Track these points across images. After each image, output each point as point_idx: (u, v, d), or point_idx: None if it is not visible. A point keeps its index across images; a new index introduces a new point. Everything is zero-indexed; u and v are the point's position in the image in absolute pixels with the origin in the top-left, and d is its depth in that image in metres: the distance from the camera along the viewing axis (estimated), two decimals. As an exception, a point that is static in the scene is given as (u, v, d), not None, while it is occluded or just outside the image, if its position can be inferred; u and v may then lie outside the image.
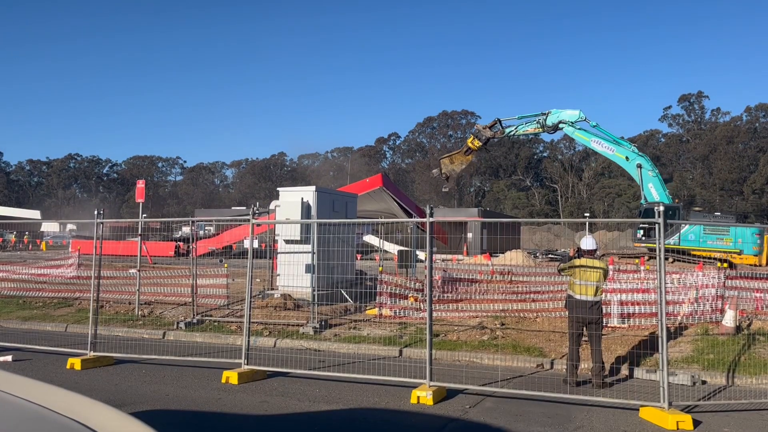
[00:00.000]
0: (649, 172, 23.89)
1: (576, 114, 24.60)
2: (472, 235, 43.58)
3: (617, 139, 25.24)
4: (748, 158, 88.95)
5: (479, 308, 12.84)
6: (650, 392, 7.89)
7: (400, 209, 32.59)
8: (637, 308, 11.69)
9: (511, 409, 7.60)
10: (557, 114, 24.92)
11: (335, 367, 9.69)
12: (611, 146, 24.73)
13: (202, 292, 14.04)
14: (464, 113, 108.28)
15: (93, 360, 9.77)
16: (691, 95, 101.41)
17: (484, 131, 26.11)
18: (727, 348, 10.00)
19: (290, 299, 13.81)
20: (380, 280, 13.00)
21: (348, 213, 16.20)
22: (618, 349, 10.29)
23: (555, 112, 25.06)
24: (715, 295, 11.64)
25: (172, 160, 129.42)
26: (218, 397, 7.90)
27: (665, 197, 23.57)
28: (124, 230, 19.48)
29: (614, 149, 24.62)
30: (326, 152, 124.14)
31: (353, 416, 7.25)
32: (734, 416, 7.44)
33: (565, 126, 24.85)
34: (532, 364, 10.10)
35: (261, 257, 15.31)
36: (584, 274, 8.72)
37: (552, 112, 25.11)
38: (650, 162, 24.62)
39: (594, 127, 24.81)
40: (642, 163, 24.01)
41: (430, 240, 8.70)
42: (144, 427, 2.30)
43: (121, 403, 7.16)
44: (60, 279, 17.15)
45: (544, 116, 25.11)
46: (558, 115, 24.89)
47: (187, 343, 11.87)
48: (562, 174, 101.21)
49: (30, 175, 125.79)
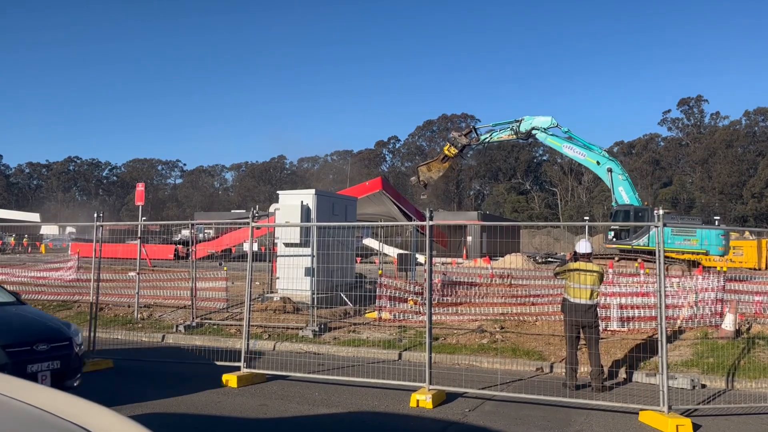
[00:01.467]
0: (619, 176, 24.63)
1: (548, 120, 25.29)
2: (472, 238, 43.55)
3: (588, 144, 26.01)
4: (747, 162, 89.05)
5: (479, 312, 12.84)
6: (650, 396, 7.88)
7: (400, 212, 32.64)
8: (636, 312, 11.69)
9: (511, 412, 7.59)
10: (530, 121, 25.62)
11: (335, 370, 9.69)
12: (583, 151, 25.46)
13: (202, 295, 14.03)
14: (464, 116, 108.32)
15: (92, 363, 9.74)
16: (690, 99, 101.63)
17: (459, 138, 26.96)
18: (726, 352, 9.99)
19: (290, 302, 13.81)
20: (380, 283, 13.00)
21: (348, 216, 16.20)
22: (617, 353, 10.28)
23: (528, 118, 25.72)
24: (715, 298, 11.64)
25: (172, 163, 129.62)
26: (217, 401, 7.89)
27: (635, 200, 24.36)
28: (124, 233, 19.47)
29: (586, 154, 25.36)
30: (326, 155, 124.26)
31: (353, 420, 7.25)
32: (734, 420, 7.44)
33: (537, 132, 25.58)
34: (531, 368, 10.09)
35: (260, 260, 15.30)
36: (579, 278, 8.75)
37: (525, 118, 25.76)
38: (620, 166, 25.44)
39: (565, 133, 25.57)
40: (612, 168, 24.76)
41: (429, 243, 8.71)
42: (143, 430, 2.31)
43: (121, 406, 7.15)
44: (59, 282, 17.14)
45: (518, 123, 25.82)
46: (531, 121, 25.59)
47: (187, 346, 11.87)
48: (561, 177, 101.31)
49: (30, 177, 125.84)
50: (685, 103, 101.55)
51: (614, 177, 24.41)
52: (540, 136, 25.58)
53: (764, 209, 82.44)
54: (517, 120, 25.92)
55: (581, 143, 25.64)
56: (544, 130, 25.32)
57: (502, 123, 26.74)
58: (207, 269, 16.19)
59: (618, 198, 24.34)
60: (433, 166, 27.94)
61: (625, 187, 24.46)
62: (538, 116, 25.55)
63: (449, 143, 27.41)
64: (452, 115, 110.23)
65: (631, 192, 24.37)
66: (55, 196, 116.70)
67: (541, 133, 25.39)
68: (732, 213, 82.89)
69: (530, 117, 25.64)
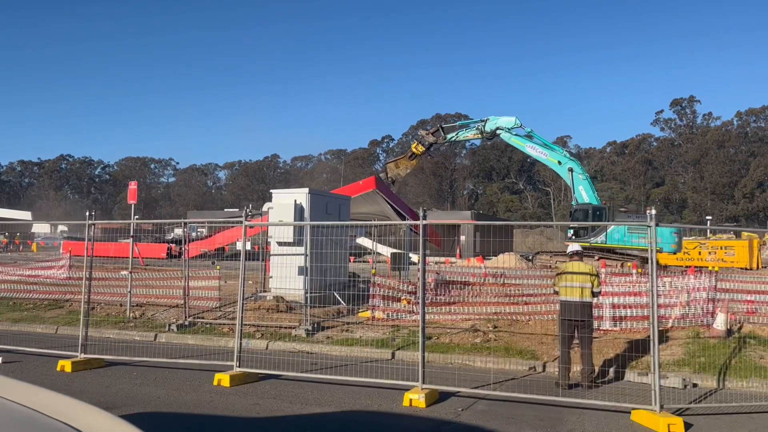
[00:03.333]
0: (579, 176, 25.38)
1: (512, 121, 26.27)
2: (465, 237, 43.62)
3: (550, 144, 27.02)
4: (739, 162, 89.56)
5: (472, 311, 12.85)
6: (642, 395, 7.91)
7: (394, 212, 32.62)
8: (628, 311, 11.73)
9: (504, 411, 7.60)
10: (495, 121, 26.59)
11: (328, 369, 9.67)
12: (545, 151, 26.32)
13: (194, 294, 13.97)
14: (457, 116, 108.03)
15: (83, 362, 9.71)
16: (683, 100, 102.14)
17: (426, 137, 28.13)
18: (717, 351, 10.04)
19: (283, 301, 13.77)
20: (373, 282, 12.98)
21: (341, 215, 16.18)
22: (610, 352, 10.31)
23: (493, 119, 26.70)
24: (706, 298, 11.69)
25: (165, 162, 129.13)
26: (210, 400, 7.86)
27: (594, 198, 25.21)
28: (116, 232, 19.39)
29: (548, 154, 26.19)
30: (320, 154, 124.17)
31: (345, 419, 7.24)
32: (725, 419, 7.48)
33: (502, 132, 26.53)
34: (524, 367, 10.11)
35: (253, 259, 15.27)
36: (569, 277, 8.88)
37: (490, 118, 26.79)
38: (580, 166, 26.20)
39: (528, 133, 26.50)
40: (573, 167, 25.52)
41: (423, 242, 8.70)
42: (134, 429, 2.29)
43: (112, 405, 7.13)
44: (51, 280, 17.03)
45: (483, 123, 26.88)
46: (495, 122, 26.55)
47: (179, 345, 11.82)
48: (554, 177, 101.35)
49: (21, 175, 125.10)
50: (677, 104, 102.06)
51: (575, 177, 25.30)
52: (504, 135, 26.60)
53: (755, 209, 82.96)
54: (482, 120, 27.03)
55: (543, 143, 26.70)
56: (508, 130, 26.32)
57: (468, 122, 28.01)
58: (200, 268, 16.14)
59: (578, 197, 25.24)
60: (401, 163, 29.23)
61: (585, 187, 25.31)
62: (502, 116, 26.54)
63: (416, 141, 28.58)
64: (446, 115, 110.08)
65: (590, 191, 25.26)
66: (46, 194, 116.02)
67: (505, 132, 26.40)
68: (724, 213, 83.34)
69: (495, 117, 26.64)
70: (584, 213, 24.67)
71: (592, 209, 24.54)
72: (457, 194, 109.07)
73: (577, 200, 25.17)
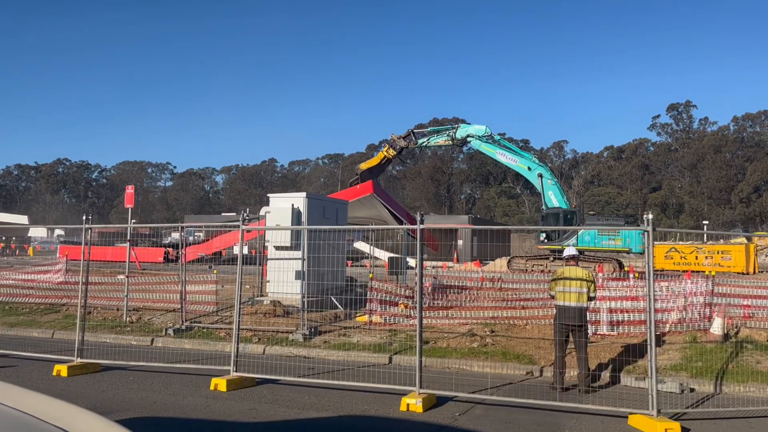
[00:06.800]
0: (548, 181, 25.88)
1: (483, 129, 26.94)
2: (463, 242, 43.63)
3: (519, 151, 27.77)
4: (736, 167, 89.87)
5: (469, 315, 12.84)
6: (639, 400, 7.91)
7: (391, 216, 32.59)
8: (626, 316, 11.74)
9: (501, 416, 7.59)
10: (465, 128, 27.33)
11: (325, 374, 9.65)
12: (515, 157, 26.87)
13: (191, 299, 13.95)
14: (455, 120, 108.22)
15: (80, 367, 9.67)
16: (679, 104, 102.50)
17: (398, 141, 28.76)
18: (715, 356, 10.05)
19: (280, 306, 13.74)
20: (370, 287, 12.98)
21: (338, 220, 16.18)
22: (607, 357, 10.31)
23: (464, 126, 27.48)
24: (704, 303, 11.71)
25: (162, 166, 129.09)
26: (207, 405, 7.84)
27: (563, 203, 25.77)
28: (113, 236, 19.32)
29: (517, 160, 26.73)
30: (317, 159, 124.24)
31: (342, 423, 7.22)
32: (722, 424, 7.48)
33: (472, 139, 27.16)
34: (521, 372, 10.10)
35: (251, 263, 15.24)
36: (565, 282, 8.89)
37: (461, 126, 27.62)
38: (550, 172, 26.77)
39: (498, 140, 27.32)
40: (542, 173, 26.06)
41: (420, 247, 8.71)
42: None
43: (108, 410, 7.09)
44: (47, 285, 16.98)
45: (454, 130, 27.61)
46: (466, 129, 27.27)
47: (176, 349, 11.79)
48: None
49: (18, 179, 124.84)
50: (674, 109, 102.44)
51: (544, 182, 25.82)
52: (474, 143, 27.25)
53: (752, 213, 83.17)
54: (453, 126, 27.88)
55: (513, 150, 27.44)
56: (479, 138, 26.94)
57: (440, 128, 28.77)
58: (197, 272, 16.10)
59: (548, 202, 25.70)
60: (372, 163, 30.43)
61: (554, 192, 25.80)
62: (473, 124, 27.34)
63: (388, 145, 29.37)
64: (443, 119, 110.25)
65: (560, 195, 25.81)
66: (43, 198, 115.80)
67: (475, 140, 27.04)
68: (720, 217, 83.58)
69: (466, 125, 27.45)
70: (555, 217, 25.20)
71: (563, 213, 25.12)
72: (454, 198, 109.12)
73: (547, 205, 25.71)
